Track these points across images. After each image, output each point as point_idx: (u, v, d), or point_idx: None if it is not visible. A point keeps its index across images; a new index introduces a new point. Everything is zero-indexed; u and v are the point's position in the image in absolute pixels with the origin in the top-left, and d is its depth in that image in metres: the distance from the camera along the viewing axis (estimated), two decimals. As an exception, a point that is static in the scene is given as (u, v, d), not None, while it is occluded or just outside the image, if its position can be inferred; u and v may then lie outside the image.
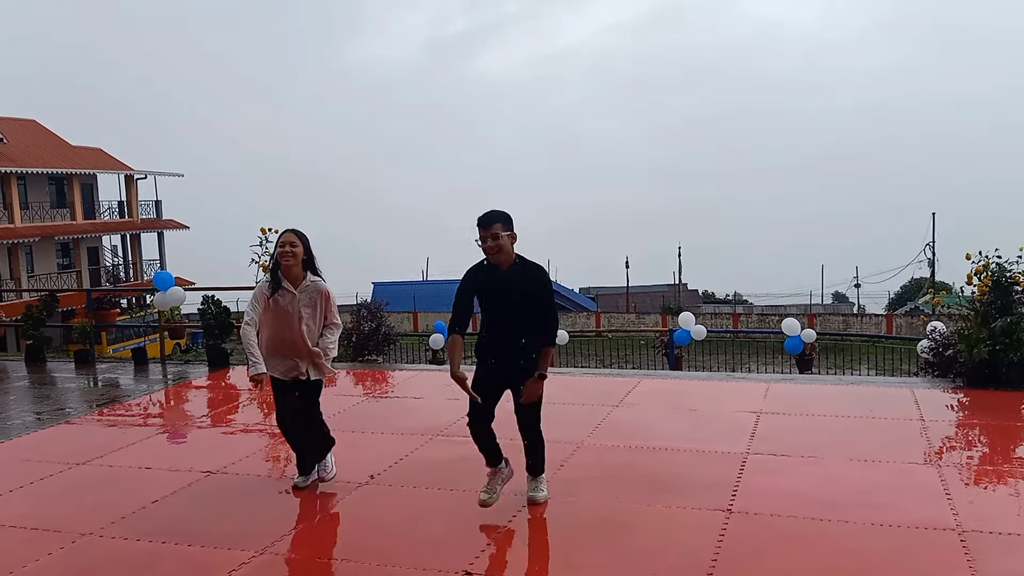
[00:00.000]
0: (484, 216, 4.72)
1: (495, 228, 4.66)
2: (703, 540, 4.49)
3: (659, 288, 56.52)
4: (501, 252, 4.69)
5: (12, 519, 5.12)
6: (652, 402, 7.73)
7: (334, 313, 5.37)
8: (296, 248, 5.13)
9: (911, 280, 55.51)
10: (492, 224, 4.67)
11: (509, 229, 4.72)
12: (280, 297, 5.17)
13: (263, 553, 4.49)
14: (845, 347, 24.97)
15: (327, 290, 5.29)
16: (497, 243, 4.66)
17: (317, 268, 5.28)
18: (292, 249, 5.12)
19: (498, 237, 4.66)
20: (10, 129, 37.57)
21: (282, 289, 5.16)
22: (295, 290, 5.17)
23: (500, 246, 4.67)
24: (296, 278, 5.18)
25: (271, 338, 5.23)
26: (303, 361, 5.24)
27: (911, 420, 6.83)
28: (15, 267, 36.10)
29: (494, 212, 4.72)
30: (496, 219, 4.69)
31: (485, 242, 4.68)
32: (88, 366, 10.76)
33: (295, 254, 5.12)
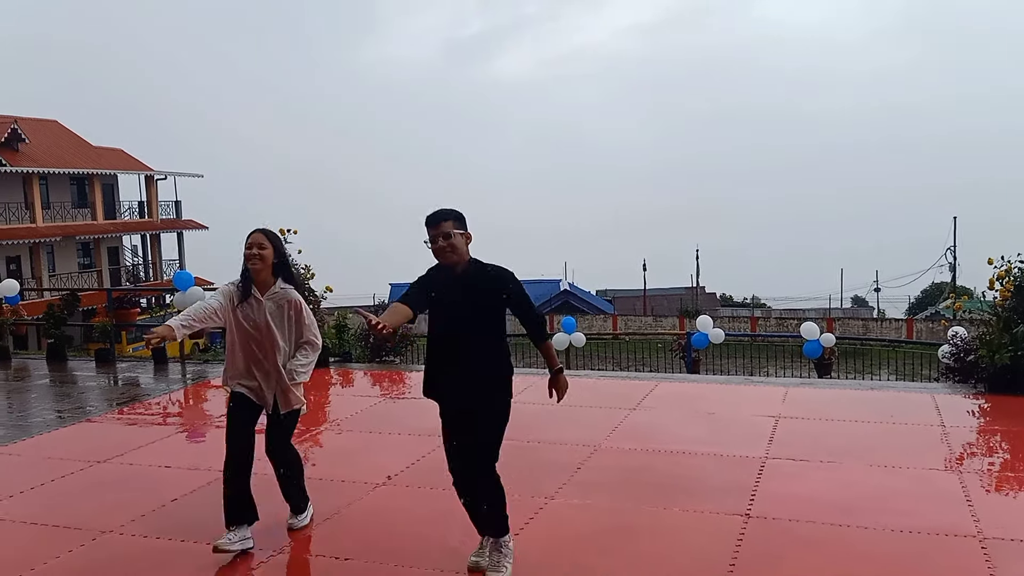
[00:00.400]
0: (432, 214, 4.07)
1: (445, 226, 4.02)
2: (720, 545, 4.47)
3: (676, 291, 56.29)
4: (454, 252, 4.03)
5: (33, 516, 5.18)
6: (669, 405, 7.71)
7: (309, 328, 4.59)
8: (265, 250, 4.43)
9: (932, 284, 55.03)
10: (441, 222, 4.03)
11: (462, 228, 4.08)
12: (247, 306, 4.47)
13: (281, 552, 4.51)
14: (865, 352, 24.78)
15: (298, 300, 4.56)
16: (449, 242, 4.01)
17: (292, 274, 4.65)
18: (260, 251, 4.42)
19: (450, 236, 4.01)
20: (32, 129, 38.01)
21: (250, 297, 4.48)
22: (263, 297, 4.48)
23: (453, 245, 4.02)
24: (264, 284, 4.48)
25: (240, 355, 4.53)
26: (270, 389, 4.55)
27: (932, 426, 6.76)
28: (37, 266, 36.50)
29: (443, 209, 4.09)
30: (446, 216, 4.05)
31: (436, 242, 4.03)
32: (108, 365, 10.86)
33: (263, 257, 4.42)
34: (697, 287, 56.93)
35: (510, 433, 6.69)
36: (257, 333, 4.48)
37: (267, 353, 4.50)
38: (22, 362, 11.55)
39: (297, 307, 4.54)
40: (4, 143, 35.17)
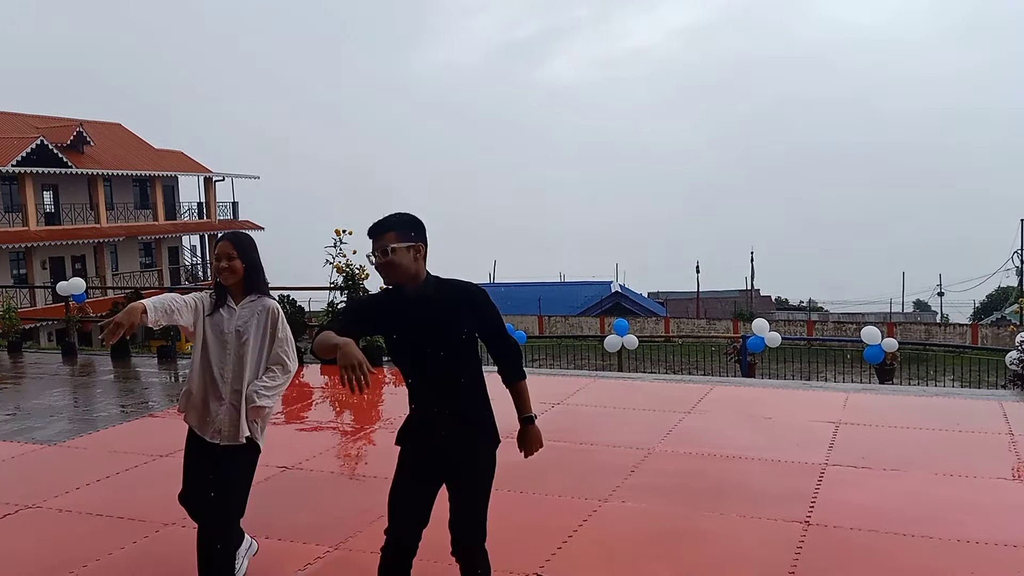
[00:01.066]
0: (375, 224, 3.26)
1: (385, 239, 3.18)
2: (779, 553, 4.37)
3: (730, 294, 55.58)
4: (394, 270, 3.19)
5: (98, 508, 5.32)
6: (725, 409, 7.59)
7: (282, 344, 3.89)
8: (234, 262, 3.81)
9: (998, 288, 53.34)
10: (383, 233, 3.20)
11: (409, 240, 3.20)
12: (218, 316, 3.86)
13: (337, 548, 4.56)
14: (928, 357, 24.10)
15: (275, 308, 3.91)
16: (387, 259, 3.18)
17: (264, 285, 3.96)
18: (229, 263, 3.82)
19: (387, 252, 3.16)
20: (97, 133, 39.19)
21: (224, 307, 3.87)
22: (236, 306, 3.87)
23: (391, 263, 3.18)
24: (236, 297, 3.89)
25: (199, 371, 3.91)
26: (220, 412, 3.86)
27: (999, 434, 6.54)
28: (101, 265, 37.62)
29: (389, 217, 3.26)
30: (389, 227, 3.21)
31: (375, 257, 3.23)
32: (169, 361, 11.12)
33: (233, 269, 3.82)
34: (752, 290, 56.11)
35: (563, 435, 6.69)
36: (223, 347, 3.84)
37: (230, 369, 3.85)
38: (87, 358, 11.90)
39: (273, 317, 3.87)
40: (70, 145, 36.33)
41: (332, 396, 8.97)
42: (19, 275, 34.44)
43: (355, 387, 2.89)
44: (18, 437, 7.14)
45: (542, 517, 4.96)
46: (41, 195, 35.64)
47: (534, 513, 5.05)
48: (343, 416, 8.03)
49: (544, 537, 4.64)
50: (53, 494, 5.56)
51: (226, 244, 3.85)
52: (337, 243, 10.01)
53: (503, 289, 48.10)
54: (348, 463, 6.36)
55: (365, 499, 5.34)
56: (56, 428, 7.44)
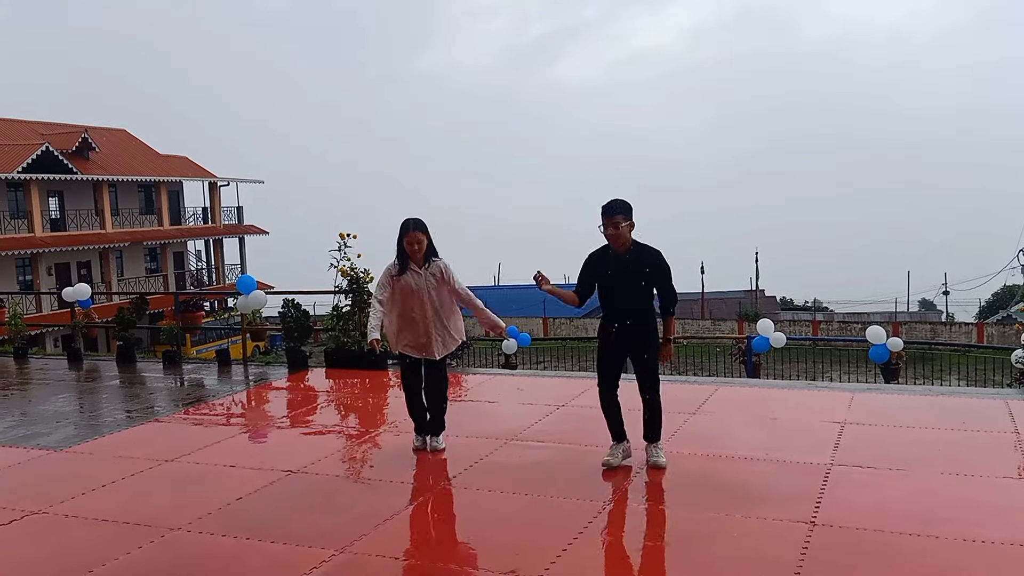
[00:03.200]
0: (609, 206, 5.42)
1: (617, 218, 5.39)
2: (785, 553, 4.37)
3: (735, 294, 55.48)
4: (620, 239, 5.43)
5: (105, 513, 5.33)
6: (730, 410, 7.58)
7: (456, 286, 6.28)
8: (422, 243, 6.02)
9: (1003, 287, 53.18)
10: (615, 214, 5.39)
11: (629, 219, 5.44)
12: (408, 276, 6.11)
13: (343, 552, 4.56)
14: (933, 357, 24.07)
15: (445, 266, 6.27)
16: (617, 231, 5.40)
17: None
18: (418, 245, 6.02)
19: (618, 226, 5.38)
20: (102, 138, 39.36)
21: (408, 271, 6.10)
22: (420, 270, 6.06)
23: (619, 234, 5.41)
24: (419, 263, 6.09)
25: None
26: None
27: (1005, 433, 6.52)
28: (107, 271, 37.76)
29: (617, 202, 5.42)
30: (619, 210, 5.40)
31: (606, 229, 5.41)
32: (175, 367, 11.14)
33: (422, 247, 6.04)
34: (756, 290, 56.02)
35: (569, 437, 6.70)
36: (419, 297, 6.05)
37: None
38: (93, 363, 11.93)
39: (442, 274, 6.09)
40: (75, 152, 36.49)
41: (337, 400, 8.98)
42: (25, 281, 34.57)
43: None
44: (24, 443, 7.17)
45: (548, 518, 4.96)
46: (47, 201, 35.78)
47: (540, 514, 5.05)
48: (348, 420, 8.04)
49: (550, 538, 4.64)
50: (59, 500, 5.58)
51: (415, 234, 6.00)
52: (342, 247, 10.01)
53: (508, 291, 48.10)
54: (354, 466, 6.37)
55: (371, 502, 5.35)
56: (62, 434, 7.46)
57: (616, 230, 5.37)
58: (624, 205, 5.41)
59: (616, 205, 5.39)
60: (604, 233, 5.42)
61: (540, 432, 6.87)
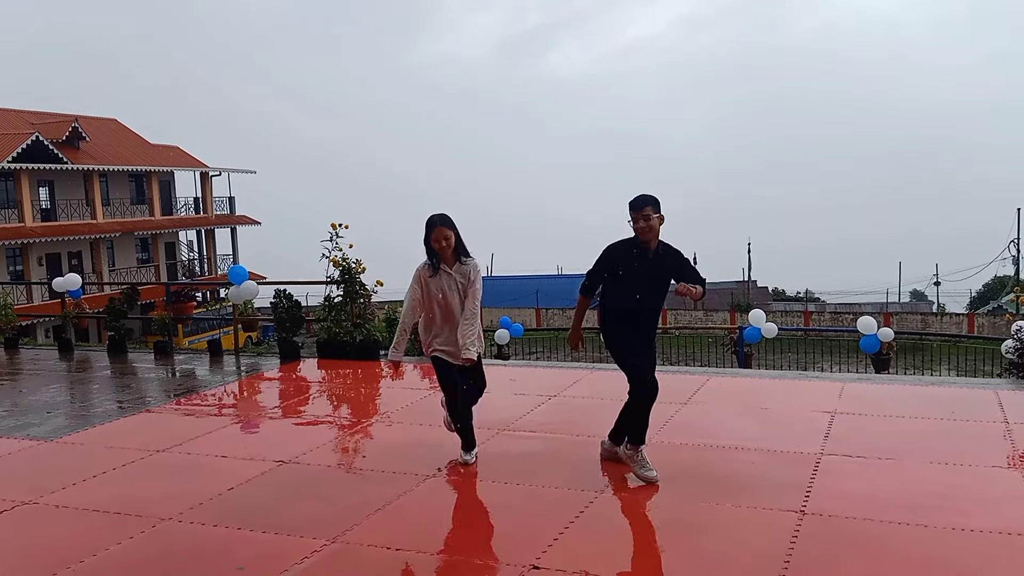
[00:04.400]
0: (638, 199, 5.25)
1: (647, 210, 5.21)
2: (775, 542, 4.39)
3: (727, 285, 55.56)
4: (651, 232, 5.25)
5: (96, 503, 5.32)
6: (721, 400, 7.61)
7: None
8: (448, 239, 5.59)
9: (994, 278, 53.43)
10: (645, 206, 5.21)
11: (659, 211, 5.27)
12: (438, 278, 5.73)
13: (335, 541, 4.57)
14: (924, 347, 24.19)
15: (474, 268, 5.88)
16: (648, 224, 5.22)
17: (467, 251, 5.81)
18: (446, 242, 5.60)
19: (649, 218, 5.20)
20: (92, 128, 39.11)
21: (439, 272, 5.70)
22: (451, 270, 5.69)
23: (651, 227, 5.23)
24: (449, 262, 5.70)
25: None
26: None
27: (994, 422, 6.56)
28: (97, 261, 37.58)
29: (647, 196, 5.27)
30: (648, 203, 5.23)
31: (636, 223, 5.23)
32: (166, 357, 11.12)
33: (450, 244, 5.61)
34: (749, 281, 56.17)
35: (560, 427, 6.71)
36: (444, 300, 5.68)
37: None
38: (84, 354, 11.89)
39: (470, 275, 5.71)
40: (65, 141, 36.26)
41: (329, 390, 8.98)
42: (15, 271, 34.40)
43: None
44: (15, 433, 7.15)
45: (539, 508, 4.98)
46: (37, 191, 35.56)
47: (531, 504, 5.07)
48: (340, 410, 8.04)
49: (541, 528, 4.66)
50: (50, 490, 5.56)
51: (441, 229, 5.56)
52: (333, 237, 9.99)
53: (501, 282, 48.08)
54: (346, 457, 6.37)
55: (363, 492, 5.35)
56: (53, 424, 7.44)
57: (648, 223, 5.21)
58: (653, 198, 5.28)
59: (646, 197, 5.26)
60: (634, 227, 5.24)
61: (532, 422, 6.88)
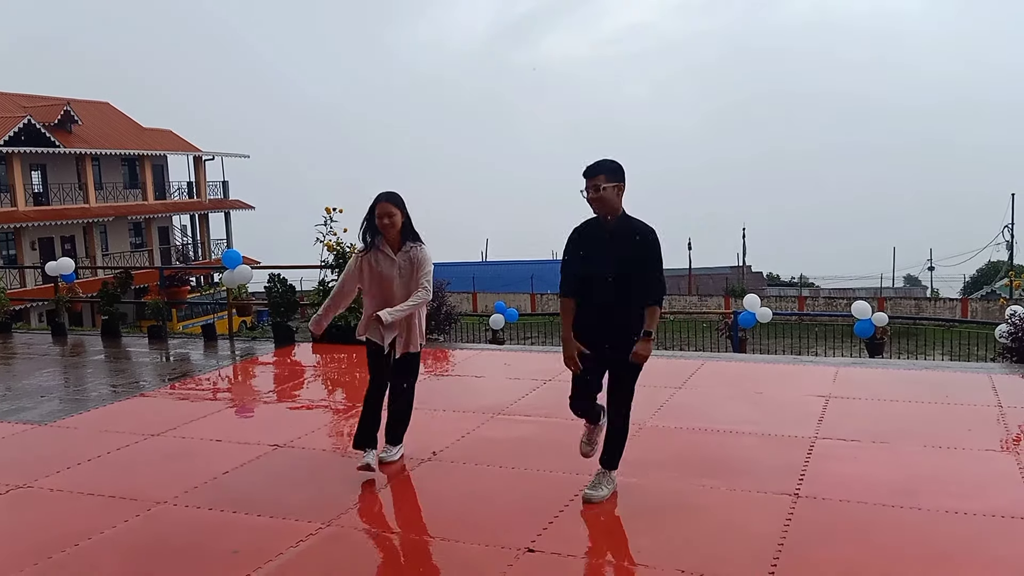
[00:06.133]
0: (589, 166, 4.41)
1: (597, 179, 4.35)
2: (769, 524, 4.41)
3: (722, 270, 55.66)
4: (602, 204, 4.37)
5: (91, 487, 5.32)
6: (716, 384, 7.62)
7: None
8: (394, 216, 5.08)
9: (988, 263, 53.60)
10: (596, 175, 4.36)
11: (615, 180, 4.37)
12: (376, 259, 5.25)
13: (329, 525, 4.57)
14: (918, 331, 24.27)
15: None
16: (597, 195, 4.35)
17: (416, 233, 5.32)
18: (390, 219, 5.10)
19: (598, 189, 4.34)
20: (85, 111, 38.84)
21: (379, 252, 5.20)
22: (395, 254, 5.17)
23: (601, 198, 4.36)
24: (395, 243, 5.19)
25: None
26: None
27: (988, 406, 6.59)
28: (91, 245, 37.44)
29: (601, 161, 4.41)
30: (601, 170, 4.37)
31: (588, 192, 4.39)
32: (160, 341, 11.09)
33: (393, 223, 5.10)
34: (743, 266, 56.24)
35: (554, 411, 6.71)
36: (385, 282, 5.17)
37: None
38: (78, 338, 11.86)
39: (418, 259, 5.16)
40: (58, 124, 36.01)
41: (324, 375, 8.97)
42: (8, 256, 34.26)
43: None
44: (9, 417, 7.13)
45: (534, 492, 4.98)
46: (29, 175, 35.36)
47: (526, 488, 5.08)
48: (335, 394, 8.03)
49: (536, 512, 4.66)
50: (45, 474, 5.55)
51: (385, 204, 5.05)
52: (327, 221, 9.96)
53: (495, 267, 48.05)
54: (340, 441, 6.36)
55: (358, 476, 5.34)
56: (47, 408, 7.43)
57: (596, 193, 4.33)
58: (610, 164, 4.39)
59: (599, 164, 4.39)
60: (586, 198, 4.41)
61: (526, 406, 6.89)
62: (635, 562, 4.11)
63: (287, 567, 4.12)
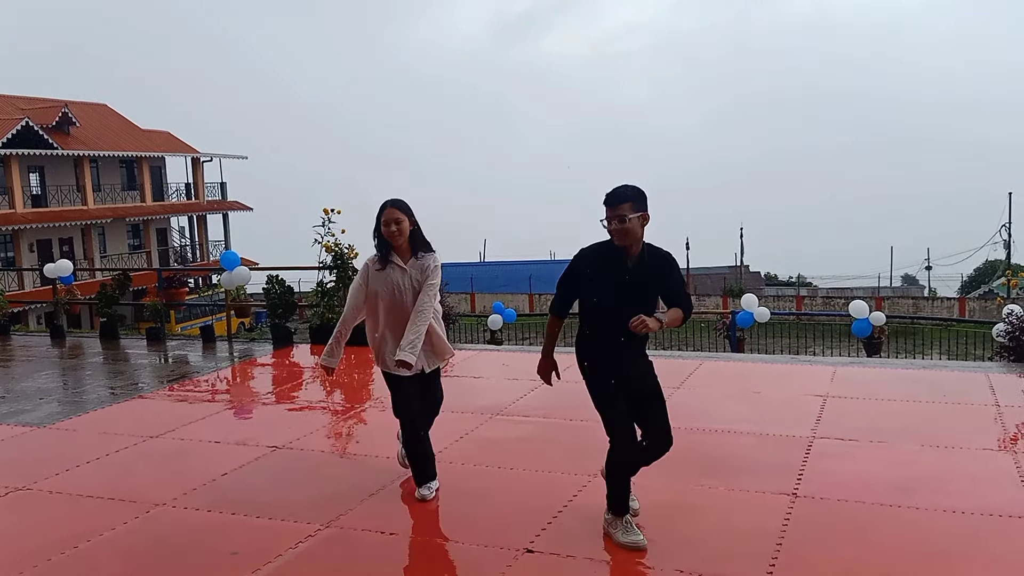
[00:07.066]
0: (612, 194, 4.05)
1: (622, 208, 3.99)
2: (768, 523, 4.42)
3: (720, 270, 55.66)
4: (627, 235, 4.02)
5: (89, 489, 5.32)
6: (713, 385, 7.63)
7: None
8: (401, 224, 4.75)
9: (985, 262, 53.63)
10: (620, 204, 4.00)
11: (641, 210, 4.05)
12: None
13: (328, 526, 4.58)
14: (916, 331, 24.29)
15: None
16: (622, 226, 4.00)
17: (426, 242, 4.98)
18: (397, 226, 4.76)
19: (624, 220, 3.98)
20: (83, 113, 38.80)
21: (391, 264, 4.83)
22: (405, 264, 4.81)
23: (625, 229, 4.00)
24: (404, 252, 4.84)
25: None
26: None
27: (986, 405, 6.60)
28: (89, 247, 37.39)
29: (625, 189, 4.06)
30: (626, 198, 4.01)
31: (611, 224, 4.04)
32: (159, 343, 11.09)
33: (401, 230, 4.76)
34: (741, 266, 56.27)
35: (553, 411, 6.73)
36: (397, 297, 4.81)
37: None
38: (76, 340, 11.86)
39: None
40: (55, 126, 35.97)
41: (322, 376, 8.97)
42: (6, 258, 34.22)
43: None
44: (8, 420, 7.13)
45: (533, 492, 5.00)
46: (27, 177, 35.31)
47: (525, 488, 5.09)
48: (334, 395, 8.03)
49: (535, 512, 4.67)
50: (44, 476, 5.56)
51: (392, 210, 4.74)
52: (326, 222, 9.96)
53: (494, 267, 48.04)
54: (339, 442, 6.37)
55: (357, 477, 5.36)
56: (46, 410, 7.43)
57: (622, 224, 3.98)
58: (635, 192, 4.05)
59: (624, 191, 4.03)
60: (608, 228, 4.05)
61: (525, 407, 6.90)
62: (634, 562, 4.12)
63: (286, 568, 4.13)
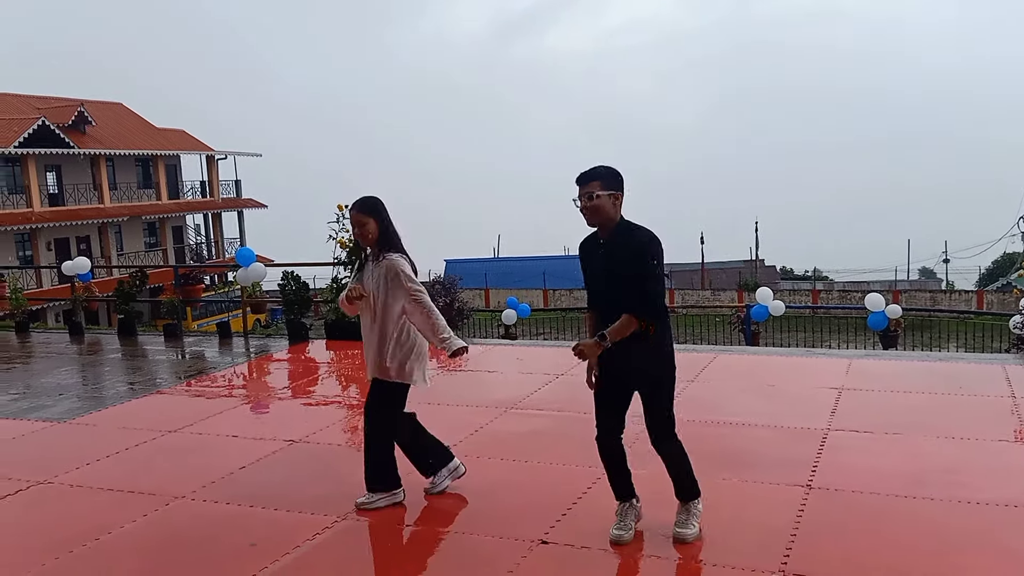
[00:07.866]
0: (583, 173, 3.99)
1: (591, 186, 3.92)
2: (782, 516, 4.42)
3: (735, 264, 55.44)
4: (596, 213, 3.93)
5: (109, 483, 5.39)
6: (728, 377, 7.63)
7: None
8: (366, 226, 4.59)
9: (1003, 255, 53.12)
10: (589, 181, 3.94)
11: (612, 188, 3.93)
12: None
13: (345, 518, 4.62)
14: (933, 324, 24.12)
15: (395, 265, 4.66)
16: (591, 203, 3.91)
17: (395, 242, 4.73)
18: (360, 230, 4.63)
19: (592, 197, 3.90)
20: (99, 112, 39.10)
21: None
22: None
23: (594, 207, 3.91)
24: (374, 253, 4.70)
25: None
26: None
27: (1002, 397, 6.57)
28: (106, 245, 37.72)
29: (595, 168, 3.99)
30: (595, 176, 3.94)
31: (580, 200, 3.95)
32: (176, 339, 11.18)
33: (363, 234, 4.63)
34: (756, 260, 56.01)
35: (568, 405, 6.75)
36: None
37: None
38: (94, 337, 11.97)
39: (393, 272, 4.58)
40: (71, 125, 36.26)
41: (338, 371, 9.03)
42: (24, 256, 34.55)
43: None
44: (29, 415, 7.22)
45: (547, 485, 5.02)
46: (44, 176, 35.64)
47: (539, 481, 5.11)
48: (349, 390, 8.08)
49: (549, 504, 4.69)
50: (64, 470, 5.63)
51: (354, 214, 4.59)
52: (340, 218, 10.02)
53: (508, 263, 48.09)
54: (355, 436, 6.41)
55: (372, 470, 5.39)
56: (65, 406, 7.52)
57: (590, 201, 3.90)
58: (605, 171, 3.96)
59: (595, 170, 3.97)
60: (579, 207, 3.98)
61: (539, 401, 6.92)
62: (647, 554, 4.14)
63: (304, 559, 4.17)
